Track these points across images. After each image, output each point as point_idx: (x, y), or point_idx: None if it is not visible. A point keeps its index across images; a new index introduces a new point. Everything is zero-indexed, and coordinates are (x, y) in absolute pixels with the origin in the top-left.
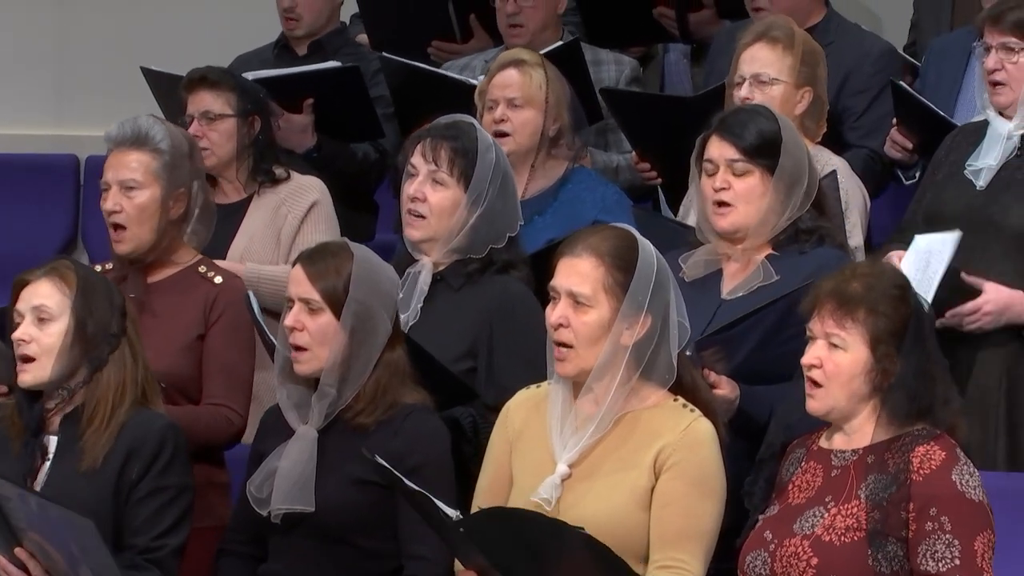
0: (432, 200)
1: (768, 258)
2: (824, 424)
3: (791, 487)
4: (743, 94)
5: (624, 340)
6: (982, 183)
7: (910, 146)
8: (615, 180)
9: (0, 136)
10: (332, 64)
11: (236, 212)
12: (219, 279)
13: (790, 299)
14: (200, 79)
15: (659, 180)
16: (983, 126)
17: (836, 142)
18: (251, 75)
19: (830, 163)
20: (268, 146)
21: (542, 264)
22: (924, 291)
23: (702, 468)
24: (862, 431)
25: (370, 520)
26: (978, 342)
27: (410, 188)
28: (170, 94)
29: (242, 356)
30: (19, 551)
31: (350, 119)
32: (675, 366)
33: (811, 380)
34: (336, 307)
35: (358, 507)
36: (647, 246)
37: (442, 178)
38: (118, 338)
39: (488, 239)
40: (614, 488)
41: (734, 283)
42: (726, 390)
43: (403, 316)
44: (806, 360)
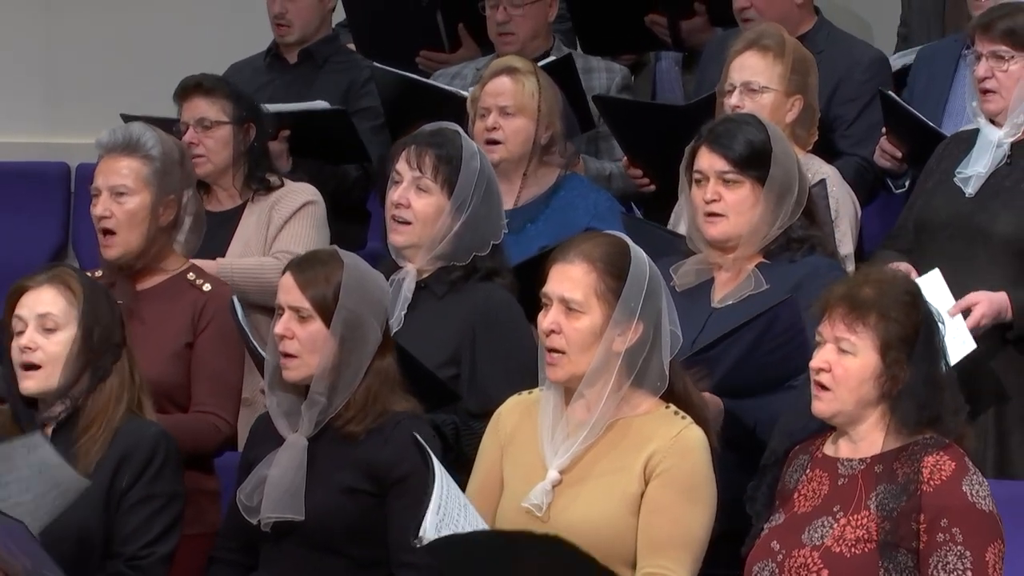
0: (416, 206)
1: (759, 267)
2: (829, 428)
3: (796, 495)
4: (733, 102)
5: (616, 347)
6: (971, 191)
7: (899, 155)
8: (608, 187)
9: None
10: (320, 104)
11: (231, 219)
12: (208, 287)
13: (768, 316)
14: (195, 86)
15: (652, 187)
16: (975, 134)
17: (827, 150)
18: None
19: (820, 171)
20: (263, 153)
21: (535, 271)
22: (964, 340)
23: (692, 475)
24: (869, 439)
25: (360, 528)
26: None
27: (394, 194)
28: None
29: (230, 364)
30: None
31: (333, 150)
32: (667, 373)
33: (819, 384)
34: (326, 315)
35: (348, 515)
36: (639, 253)
37: (426, 185)
38: (120, 348)
39: (472, 246)
40: (604, 494)
41: (725, 292)
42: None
43: None
44: (815, 364)
